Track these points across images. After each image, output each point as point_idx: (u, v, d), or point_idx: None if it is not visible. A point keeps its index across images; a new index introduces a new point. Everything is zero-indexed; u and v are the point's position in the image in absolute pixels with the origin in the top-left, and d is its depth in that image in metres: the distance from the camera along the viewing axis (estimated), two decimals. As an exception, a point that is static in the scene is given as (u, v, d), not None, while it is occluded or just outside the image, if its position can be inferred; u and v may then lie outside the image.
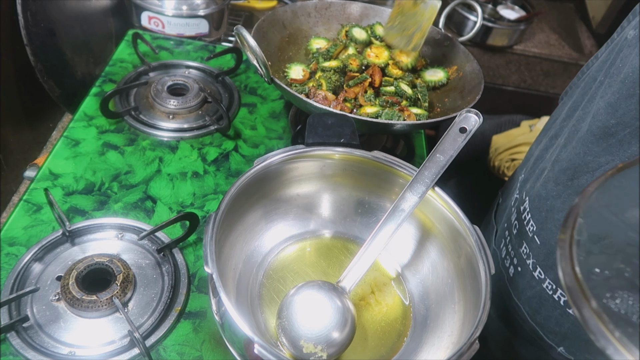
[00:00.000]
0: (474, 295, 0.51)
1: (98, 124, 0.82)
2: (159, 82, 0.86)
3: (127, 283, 0.61)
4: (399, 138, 0.88)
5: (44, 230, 0.67)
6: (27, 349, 0.55)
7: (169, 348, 0.59)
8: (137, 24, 1.04)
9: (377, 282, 0.61)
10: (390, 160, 0.59)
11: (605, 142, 0.56)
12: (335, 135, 0.60)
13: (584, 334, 0.61)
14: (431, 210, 0.58)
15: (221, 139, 0.84)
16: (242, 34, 0.66)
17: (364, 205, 0.63)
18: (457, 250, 0.55)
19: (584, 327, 0.29)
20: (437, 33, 0.90)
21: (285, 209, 0.62)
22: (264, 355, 0.40)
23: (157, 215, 0.71)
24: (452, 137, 0.57)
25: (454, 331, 0.52)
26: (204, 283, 0.65)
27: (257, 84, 0.95)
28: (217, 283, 0.44)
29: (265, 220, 0.61)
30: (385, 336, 0.56)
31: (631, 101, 0.53)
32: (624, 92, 0.54)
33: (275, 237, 0.62)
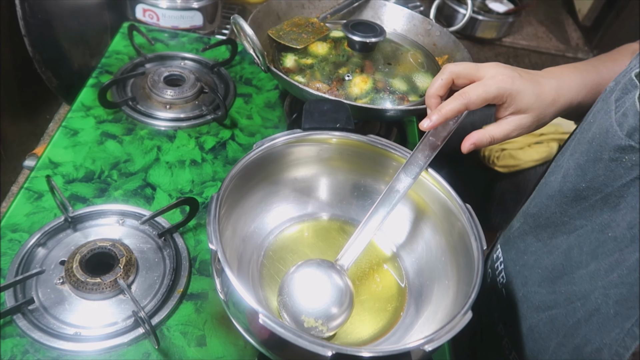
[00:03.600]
0: (466, 271, 0.53)
1: (96, 114, 0.83)
2: (156, 72, 0.88)
3: (130, 266, 0.62)
4: (392, 126, 0.90)
5: (46, 217, 0.68)
6: (34, 330, 0.57)
7: (172, 328, 0.60)
8: (132, 16, 1.05)
9: (374, 261, 0.63)
10: (385, 144, 0.61)
11: (578, 204, 0.53)
12: (331, 120, 0.62)
13: None
14: (424, 191, 0.60)
15: (218, 128, 0.85)
16: (239, 22, 0.68)
17: (360, 188, 0.65)
18: (450, 228, 0.58)
19: None
20: (428, 24, 0.92)
21: (283, 192, 0.64)
22: (268, 324, 0.42)
23: (156, 201, 0.73)
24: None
25: (448, 305, 0.54)
26: (204, 266, 0.67)
27: (252, 74, 0.97)
28: (221, 258, 0.45)
29: (265, 202, 0.62)
30: (383, 312, 0.58)
31: (599, 165, 0.50)
32: (591, 155, 0.51)
33: (275, 219, 0.64)
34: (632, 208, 0.47)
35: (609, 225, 0.49)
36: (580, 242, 0.53)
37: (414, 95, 0.79)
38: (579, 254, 0.52)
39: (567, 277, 0.53)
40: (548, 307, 0.56)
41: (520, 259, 0.62)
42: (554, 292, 0.55)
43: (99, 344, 0.57)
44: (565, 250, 0.55)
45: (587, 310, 0.50)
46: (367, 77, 0.79)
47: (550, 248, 0.57)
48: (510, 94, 0.58)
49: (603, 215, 0.50)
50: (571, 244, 0.54)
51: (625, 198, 0.47)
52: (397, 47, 0.87)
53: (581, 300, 0.51)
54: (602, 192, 0.50)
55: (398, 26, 0.94)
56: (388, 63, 0.83)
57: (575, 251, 0.53)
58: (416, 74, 0.82)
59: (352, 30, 0.80)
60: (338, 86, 0.78)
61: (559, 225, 0.56)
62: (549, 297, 0.56)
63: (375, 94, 0.77)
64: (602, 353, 0.48)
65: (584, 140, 0.53)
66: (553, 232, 0.57)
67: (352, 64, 0.81)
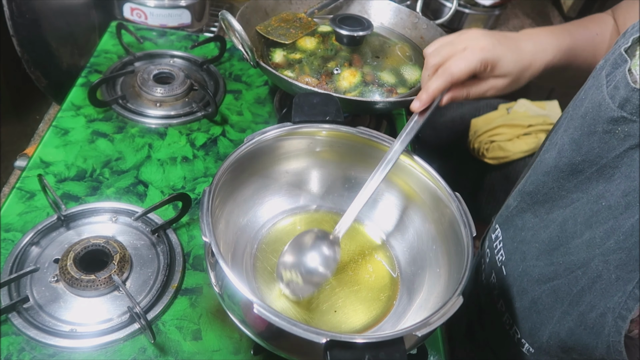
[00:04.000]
0: (457, 258, 0.54)
1: (86, 113, 0.83)
2: (145, 71, 0.88)
3: (124, 263, 0.62)
4: (382, 119, 0.90)
5: (39, 216, 0.68)
6: (29, 328, 0.57)
7: (167, 323, 0.61)
8: (120, 15, 1.05)
9: (366, 251, 0.64)
10: (374, 135, 0.61)
11: (575, 178, 0.55)
12: (320, 113, 0.62)
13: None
14: (414, 180, 0.61)
15: (208, 124, 0.86)
16: (228, 18, 0.68)
17: (351, 180, 0.66)
18: (440, 216, 0.58)
19: None
20: (415, 17, 0.93)
21: (275, 185, 0.64)
22: (262, 314, 0.43)
23: (149, 198, 0.73)
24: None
25: (439, 292, 0.55)
26: (198, 261, 0.67)
27: (241, 71, 0.97)
28: (215, 250, 0.46)
29: (257, 195, 0.63)
30: (376, 301, 0.59)
31: (593, 138, 0.51)
32: (585, 129, 0.52)
33: (267, 213, 0.64)
34: (626, 177, 0.48)
35: (603, 195, 0.51)
36: (575, 213, 0.55)
37: (402, 88, 0.80)
38: (573, 224, 0.54)
39: (563, 248, 0.55)
40: (549, 278, 0.58)
41: (518, 236, 0.64)
42: (552, 263, 0.57)
43: (95, 340, 0.57)
44: (561, 222, 0.56)
45: (589, 278, 0.52)
46: (356, 71, 0.80)
47: (547, 222, 0.59)
48: (491, 62, 0.60)
49: (598, 187, 0.52)
50: (566, 217, 0.56)
51: (619, 168, 0.49)
52: (385, 40, 0.88)
53: (581, 268, 0.53)
54: (597, 164, 0.52)
55: (385, 20, 0.95)
56: (376, 56, 0.83)
57: (569, 223, 0.55)
58: (404, 67, 0.83)
59: (340, 25, 0.81)
60: (327, 80, 0.78)
61: (557, 200, 0.58)
62: (548, 269, 0.58)
63: (364, 87, 0.78)
64: (605, 317, 0.49)
65: (577, 116, 0.54)
66: (550, 207, 0.59)
67: (340, 58, 0.82)
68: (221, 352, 0.59)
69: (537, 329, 0.60)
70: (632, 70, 0.49)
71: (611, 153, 0.50)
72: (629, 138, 0.48)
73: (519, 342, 0.63)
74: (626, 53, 0.50)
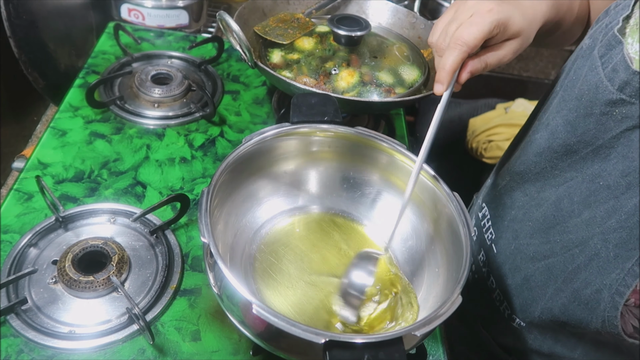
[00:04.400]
0: (455, 257, 0.54)
1: (84, 114, 0.83)
2: (143, 71, 0.88)
3: (123, 264, 0.62)
4: (380, 119, 0.90)
5: (37, 218, 0.68)
6: (28, 330, 0.57)
7: (166, 324, 0.61)
8: (117, 16, 1.05)
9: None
10: (373, 135, 0.61)
11: (569, 158, 0.55)
12: (319, 113, 0.62)
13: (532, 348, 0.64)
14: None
15: (207, 125, 0.86)
16: (226, 19, 0.68)
17: (349, 180, 0.66)
18: (439, 216, 0.59)
19: None
20: (412, 17, 0.93)
21: (274, 186, 0.64)
22: (261, 314, 0.43)
23: (147, 199, 0.73)
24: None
25: (438, 291, 0.55)
26: (197, 262, 0.67)
27: (239, 71, 0.97)
28: (213, 251, 0.46)
29: (256, 196, 0.63)
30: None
31: (589, 120, 0.52)
32: (581, 111, 0.53)
33: (266, 213, 0.64)
34: (624, 157, 0.49)
35: (600, 175, 0.52)
36: (570, 192, 0.55)
37: (400, 88, 0.80)
38: (569, 203, 0.55)
39: (560, 227, 0.56)
40: (544, 256, 0.59)
41: (508, 214, 0.65)
42: (548, 242, 0.58)
43: (94, 341, 0.57)
44: (555, 201, 0.57)
45: (586, 256, 0.53)
46: (354, 71, 0.80)
47: (539, 201, 0.59)
48: (502, 23, 0.55)
49: (594, 166, 0.53)
50: (560, 195, 0.57)
51: (615, 148, 0.50)
52: (383, 40, 0.88)
53: (579, 247, 0.54)
54: (592, 145, 0.52)
55: (383, 20, 0.95)
56: (374, 56, 0.83)
57: (565, 202, 0.56)
58: (402, 67, 0.83)
59: (338, 25, 0.81)
60: (325, 80, 0.79)
61: (549, 179, 0.58)
62: (543, 247, 0.59)
63: (362, 87, 0.78)
64: (601, 293, 0.51)
65: (571, 97, 0.55)
66: (542, 186, 0.59)
67: (338, 58, 0.82)
68: (220, 352, 0.59)
69: (529, 305, 0.61)
70: (625, 49, 0.50)
71: (607, 134, 0.51)
72: (626, 120, 0.49)
73: (509, 317, 0.64)
74: (619, 33, 0.50)
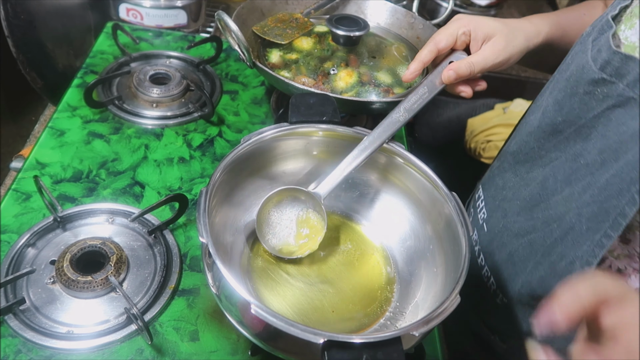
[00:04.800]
0: (454, 257, 0.54)
1: (82, 114, 0.83)
2: (141, 71, 0.88)
3: (121, 264, 0.62)
4: (378, 119, 0.90)
5: (35, 218, 0.68)
6: (26, 330, 0.57)
7: (165, 324, 0.61)
8: (115, 16, 1.05)
9: (363, 251, 0.64)
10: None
11: (554, 138, 0.58)
12: (317, 114, 0.62)
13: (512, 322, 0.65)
14: (411, 180, 0.61)
15: (205, 125, 0.86)
16: (224, 18, 0.68)
17: (348, 181, 0.66)
18: (437, 216, 0.59)
19: None
20: (411, 17, 0.93)
21: (272, 186, 0.64)
22: (260, 314, 0.43)
23: (146, 199, 0.73)
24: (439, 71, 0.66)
25: (436, 292, 0.55)
26: (195, 262, 0.67)
27: (237, 71, 0.97)
28: (212, 251, 0.46)
29: (254, 196, 0.63)
30: (373, 301, 0.59)
31: (574, 99, 0.54)
32: (568, 90, 0.55)
33: (264, 213, 0.64)
34: (602, 136, 0.51)
35: (581, 154, 0.54)
36: (554, 172, 0.58)
37: (398, 88, 0.80)
38: (553, 182, 0.58)
39: (544, 204, 0.59)
40: (527, 232, 0.61)
41: (499, 195, 0.67)
42: (532, 218, 0.60)
43: (92, 341, 0.57)
44: (541, 181, 0.60)
45: (562, 230, 0.56)
46: (352, 71, 0.80)
47: (527, 181, 0.63)
48: (469, 22, 0.68)
49: (576, 146, 0.55)
50: (546, 175, 0.60)
51: (596, 128, 0.52)
52: (381, 40, 0.88)
53: (557, 222, 0.57)
54: (575, 125, 0.55)
55: (381, 20, 0.95)
56: (372, 56, 0.83)
57: (550, 181, 0.59)
58: (400, 67, 0.83)
59: (336, 25, 0.81)
60: (323, 80, 0.79)
61: (536, 160, 0.61)
62: (527, 223, 0.61)
63: (361, 87, 0.78)
64: (574, 265, 0.53)
65: (562, 78, 0.58)
66: (530, 166, 0.63)
67: (336, 58, 0.82)
68: (219, 352, 0.59)
69: (512, 280, 0.64)
70: (616, 35, 0.52)
71: (590, 113, 0.53)
72: (607, 99, 0.50)
73: (494, 293, 0.67)
74: (613, 20, 0.53)
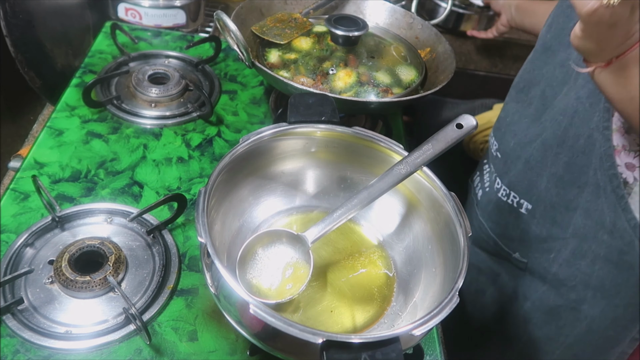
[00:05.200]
0: (453, 257, 0.54)
1: (81, 113, 0.83)
2: (140, 71, 0.88)
3: (119, 264, 0.62)
4: (377, 119, 0.90)
5: (33, 217, 0.68)
6: (24, 330, 0.56)
7: (163, 324, 0.60)
8: (114, 15, 1.05)
9: (362, 251, 0.64)
10: (370, 135, 0.61)
11: (545, 55, 0.69)
12: (316, 114, 0.62)
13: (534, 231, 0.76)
14: (409, 180, 0.60)
15: (204, 125, 0.85)
16: (223, 18, 0.68)
17: (347, 180, 0.66)
18: (436, 216, 0.59)
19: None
20: (410, 17, 0.93)
21: (271, 186, 0.64)
22: (259, 314, 0.43)
23: (144, 199, 0.73)
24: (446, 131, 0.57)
25: (435, 291, 0.55)
26: (194, 262, 0.67)
27: (236, 71, 0.97)
28: (210, 251, 0.46)
29: (253, 196, 0.63)
30: (372, 301, 0.59)
31: (561, 18, 0.69)
32: (558, 11, 0.69)
33: (263, 213, 0.64)
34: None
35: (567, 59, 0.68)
36: (550, 81, 0.71)
37: (397, 88, 0.80)
38: (551, 89, 0.71)
39: (549, 110, 0.70)
40: (537, 135, 0.72)
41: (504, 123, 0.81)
42: (541, 123, 0.71)
43: (90, 341, 0.57)
44: (540, 94, 0.72)
45: (569, 116, 0.67)
46: (351, 71, 0.80)
47: (530, 100, 0.75)
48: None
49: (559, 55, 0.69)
50: (543, 88, 0.72)
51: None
52: (380, 40, 0.88)
53: (562, 114, 0.68)
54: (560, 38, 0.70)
55: (380, 20, 0.95)
56: (371, 57, 0.83)
57: (547, 90, 0.71)
58: (399, 67, 0.83)
59: (335, 25, 0.81)
60: (322, 80, 0.79)
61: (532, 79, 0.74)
62: (536, 129, 0.72)
63: (360, 87, 0.78)
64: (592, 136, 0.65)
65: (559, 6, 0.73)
66: (528, 88, 0.75)
67: (335, 58, 0.82)
68: (217, 352, 0.59)
69: (535, 182, 0.74)
70: None
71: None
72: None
73: (518, 204, 0.77)
74: None
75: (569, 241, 0.73)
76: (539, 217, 0.75)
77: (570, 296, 0.76)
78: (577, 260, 0.73)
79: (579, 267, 0.73)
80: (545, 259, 0.77)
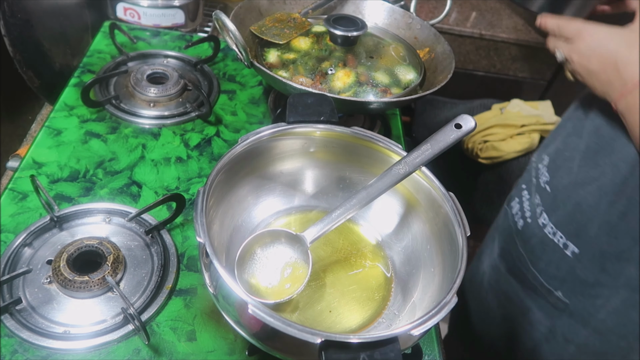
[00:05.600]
0: (451, 257, 0.54)
1: (79, 113, 0.82)
2: (139, 71, 0.88)
3: (118, 264, 0.62)
4: (376, 119, 0.91)
5: (31, 217, 0.67)
6: (22, 330, 0.56)
7: (162, 324, 0.60)
8: (113, 15, 1.05)
9: (360, 251, 0.64)
10: (369, 135, 0.61)
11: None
12: (315, 113, 0.62)
13: (580, 275, 0.72)
14: (408, 180, 0.60)
15: (202, 125, 0.85)
16: (221, 18, 0.68)
17: (345, 180, 0.66)
18: (435, 216, 0.59)
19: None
20: (408, 17, 0.93)
21: (270, 186, 0.64)
22: (257, 314, 0.43)
23: (143, 199, 0.73)
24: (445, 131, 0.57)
25: (434, 292, 0.55)
26: (193, 262, 0.67)
27: (235, 71, 0.97)
28: (209, 251, 0.46)
29: (252, 196, 0.63)
30: (370, 301, 0.59)
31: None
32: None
33: (262, 213, 0.64)
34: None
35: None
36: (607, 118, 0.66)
37: (396, 88, 0.80)
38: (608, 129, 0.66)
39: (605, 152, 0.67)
40: (593, 178, 0.67)
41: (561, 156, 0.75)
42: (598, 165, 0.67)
43: (89, 341, 0.57)
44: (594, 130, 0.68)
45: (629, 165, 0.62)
46: (350, 71, 0.80)
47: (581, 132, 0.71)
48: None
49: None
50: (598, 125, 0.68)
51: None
52: (379, 40, 0.88)
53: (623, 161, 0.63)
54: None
55: (379, 20, 0.95)
56: (370, 57, 0.83)
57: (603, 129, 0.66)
58: (398, 67, 0.83)
59: (334, 25, 0.81)
60: (321, 80, 0.78)
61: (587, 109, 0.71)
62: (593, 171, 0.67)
63: (358, 87, 0.78)
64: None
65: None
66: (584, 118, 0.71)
67: (334, 58, 0.82)
68: (216, 352, 0.59)
69: (584, 226, 0.69)
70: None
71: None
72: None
73: (565, 246, 0.72)
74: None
75: (619, 291, 0.70)
76: (585, 263, 0.71)
77: (620, 344, 0.74)
78: (628, 310, 0.71)
79: (630, 317, 0.71)
80: (590, 304, 0.73)
